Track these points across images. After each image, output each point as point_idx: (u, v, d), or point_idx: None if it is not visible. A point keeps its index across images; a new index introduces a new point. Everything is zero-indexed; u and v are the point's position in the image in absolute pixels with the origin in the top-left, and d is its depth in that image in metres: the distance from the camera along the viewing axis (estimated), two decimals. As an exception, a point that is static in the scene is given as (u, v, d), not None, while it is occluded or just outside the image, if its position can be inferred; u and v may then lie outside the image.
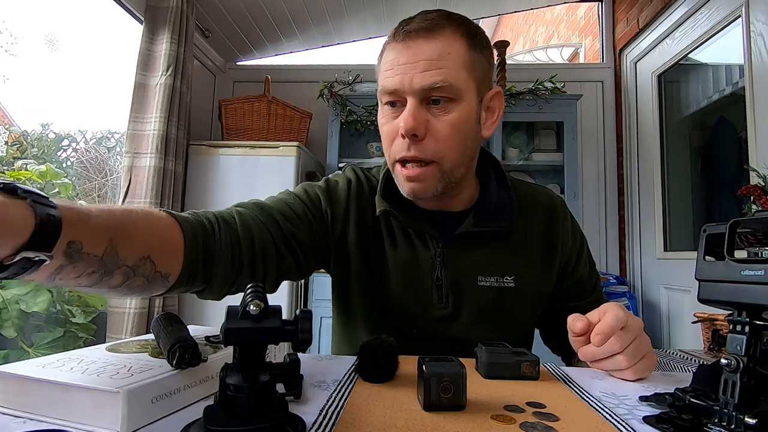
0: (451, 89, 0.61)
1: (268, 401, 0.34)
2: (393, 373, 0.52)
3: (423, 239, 0.72)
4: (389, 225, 0.74)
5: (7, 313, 1.59)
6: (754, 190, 1.30)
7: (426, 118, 0.62)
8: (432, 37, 0.61)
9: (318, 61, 2.98)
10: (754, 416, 0.35)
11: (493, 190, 0.74)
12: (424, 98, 0.62)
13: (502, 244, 0.72)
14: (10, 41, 2.21)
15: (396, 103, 0.64)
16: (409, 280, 0.72)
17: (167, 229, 0.52)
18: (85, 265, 0.40)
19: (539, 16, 4.49)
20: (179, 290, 0.56)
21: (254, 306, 0.34)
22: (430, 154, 0.63)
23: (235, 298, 0.35)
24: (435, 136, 0.62)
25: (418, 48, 0.61)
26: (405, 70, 0.61)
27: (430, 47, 0.61)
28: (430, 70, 0.60)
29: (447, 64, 0.60)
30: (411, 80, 0.61)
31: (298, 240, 0.68)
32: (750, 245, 0.41)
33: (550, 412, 0.43)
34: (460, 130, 0.63)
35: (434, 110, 0.62)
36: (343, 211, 0.73)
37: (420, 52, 0.61)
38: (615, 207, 2.66)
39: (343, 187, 0.75)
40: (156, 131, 1.97)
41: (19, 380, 0.39)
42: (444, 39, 0.61)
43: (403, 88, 0.61)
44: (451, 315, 0.71)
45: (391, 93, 0.63)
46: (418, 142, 0.62)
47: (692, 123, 2.29)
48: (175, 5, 2.05)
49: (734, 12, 1.82)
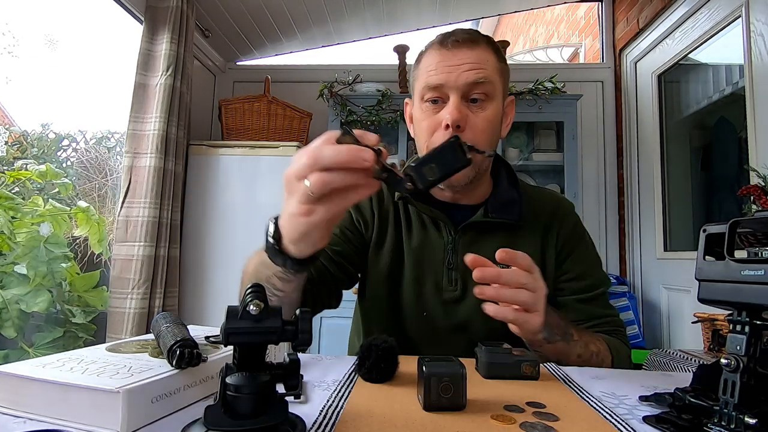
0: (489, 86, 0.72)
1: (268, 401, 0.34)
2: (393, 373, 0.53)
3: (437, 227, 0.80)
4: (406, 212, 0.82)
5: (7, 313, 1.59)
6: (754, 190, 1.30)
7: (466, 113, 0.71)
8: (473, 47, 0.72)
9: (318, 61, 2.98)
10: (754, 416, 0.35)
11: (504, 187, 0.82)
12: (464, 95, 0.72)
13: (509, 236, 0.79)
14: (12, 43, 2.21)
15: (438, 100, 0.73)
16: (423, 263, 0.80)
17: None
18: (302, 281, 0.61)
19: (539, 16, 4.49)
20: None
21: (254, 306, 0.34)
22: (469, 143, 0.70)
23: (234, 298, 0.36)
24: (473, 129, 0.72)
25: (462, 54, 0.72)
26: (451, 70, 0.71)
27: (473, 53, 0.72)
28: (474, 69, 0.71)
29: (487, 67, 0.72)
30: (457, 77, 0.71)
31: (343, 255, 0.79)
32: (750, 245, 0.41)
33: (550, 412, 0.43)
34: (493, 125, 0.74)
35: (473, 107, 0.72)
36: (369, 212, 0.83)
37: (464, 56, 0.72)
38: (615, 207, 2.66)
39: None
40: (156, 131, 1.97)
41: (19, 380, 0.39)
42: (482, 49, 0.73)
43: (449, 83, 0.71)
44: (458, 297, 0.78)
45: (435, 88, 0.72)
46: (459, 133, 0.70)
47: (692, 123, 2.29)
48: (175, 5, 2.05)
49: (734, 12, 1.82)
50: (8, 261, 1.67)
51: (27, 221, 1.75)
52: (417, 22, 2.80)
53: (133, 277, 1.88)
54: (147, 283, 1.90)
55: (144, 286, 1.89)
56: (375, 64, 2.81)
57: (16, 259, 1.68)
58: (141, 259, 1.89)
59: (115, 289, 1.89)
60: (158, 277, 1.96)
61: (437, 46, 0.74)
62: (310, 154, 0.44)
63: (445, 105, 0.72)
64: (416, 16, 2.74)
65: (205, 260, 2.20)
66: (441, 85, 0.72)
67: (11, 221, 1.69)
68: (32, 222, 1.76)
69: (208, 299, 2.19)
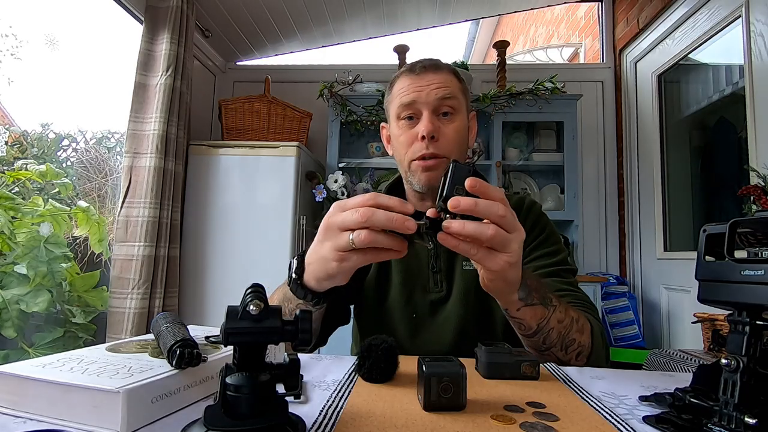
0: (455, 102, 0.83)
1: (268, 401, 0.34)
2: (393, 373, 0.53)
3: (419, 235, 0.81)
4: None
5: (7, 313, 1.59)
6: (754, 190, 1.30)
7: (438, 125, 0.81)
8: (437, 71, 0.84)
9: (318, 61, 2.99)
10: (754, 416, 0.35)
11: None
12: (435, 110, 0.81)
13: None
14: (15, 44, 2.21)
15: (413, 116, 0.83)
16: (410, 268, 0.87)
17: None
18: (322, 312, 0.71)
19: (539, 16, 4.49)
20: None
21: (254, 306, 0.34)
22: (443, 151, 0.81)
23: (234, 298, 0.36)
24: (446, 138, 0.81)
25: (429, 77, 0.83)
26: (421, 89, 0.82)
27: (438, 75, 0.83)
28: (441, 88, 0.82)
29: (450, 85, 0.83)
30: (427, 94, 0.81)
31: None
32: (750, 245, 0.41)
33: (550, 412, 0.43)
34: (461, 135, 0.84)
35: (443, 120, 0.82)
36: None
37: (431, 78, 0.83)
38: (615, 207, 2.66)
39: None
40: (156, 131, 1.97)
41: (19, 380, 0.39)
42: (445, 73, 0.84)
43: (420, 100, 0.81)
44: (443, 297, 0.86)
45: (409, 105, 0.82)
46: (434, 143, 0.80)
47: (692, 123, 2.29)
48: (175, 5, 2.05)
49: (734, 12, 1.82)
50: (8, 261, 1.67)
51: (27, 221, 1.75)
52: (417, 22, 2.80)
53: (133, 277, 1.88)
54: (147, 283, 1.90)
55: (144, 286, 1.89)
56: (375, 64, 2.82)
57: (16, 259, 1.68)
58: (141, 259, 1.89)
59: (115, 289, 1.89)
60: (158, 277, 1.96)
61: (407, 73, 0.85)
62: (363, 213, 0.50)
63: (419, 120, 0.82)
64: (416, 17, 2.74)
65: (205, 260, 2.20)
66: (414, 102, 0.81)
67: (11, 221, 1.70)
68: (32, 222, 1.76)
69: (208, 299, 2.19)
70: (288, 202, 2.18)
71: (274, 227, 2.18)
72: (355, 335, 0.99)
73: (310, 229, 2.37)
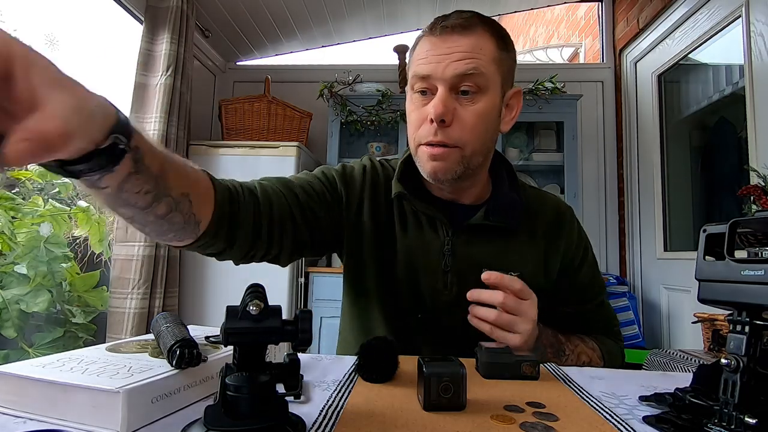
0: (480, 78, 0.66)
1: (268, 401, 0.34)
2: (393, 373, 0.52)
3: (434, 226, 0.76)
4: (402, 209, 0.77)
5: (7, 313, 1.59)
6: (754, 190, 1.30)
7: (454, 106, 0.66)
8: (466, 33, 0.66)
9: (318, 61, 2.99)
10: (754, 416, 0.35)
11: (505, 190, 0.78)
12: (453, 87, 0.66)
13: (507, 242, 0.76)
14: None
15: (426, 91, 0.68)
16: (418, 264, 0.75)
17: (203, 177, 0.56)
18: (144, 180, 0.42)
19: (539, 16, 4.49)
20: (203, 243, 0.58)
21: (254, 306, 0.34)
22: (455, 140, 0.67)
23: (234, 298, 0.35)
24: (461, 123, 0.67)
25: (453, 41, 0.66)
26: (439, 60, 0.66)
27: (465, 41, 0.66)
28: (464, 59, 0.65)
29: (479, 56, 0.66)
30: (444, 68, 0.65)
31: (315, 214, 0.72)
32: (750, 245, 0.41)
33: (550, 412, 0.43)
34: (484, 120, 0.68)
35: (462, 100, 0.67)
36: (357, 194, 0.78)
37: (455, 45, 0.66)
38: (615, 207, 2.66)
39: (358, 172, 0.80)
40: (156, 131, 1.97)
41: (19, 380, 0.39)
42: (477, 36, 0.66)
43: (436, 74, 0.66)
44: (454, 301, 0.74)
45: (423, 79, 0.67)
46: (444, 128, 0.66)
47: (692, 123, 2.29)
48: (175, 5, 2.05)
49: (734, 12, 1.82)
50: (8, 261, 1.67)
51: (27, 221, 1.75)
52: (417, 22, 2.80)
53: (133, 277, 1.88)
54: (147, 283, 1.90)
55: (144, 286, 1.89)
56: (375, 64, 2.81)
57: (16, 259, 1.68)
58: (141, 259, 1.89)
59: (115, 289, 1.89)
60: (158, 277, 1.96)
61: (428, 33, 0.69)
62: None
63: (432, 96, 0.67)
64: (416, 16, 2.74)
65: (205, 260, 2.20)
66: (428, 76, 0.67)
67: (11, 221, 1.70)
68: (32, 222, 1.76)
69: (208, 299, 2.19)
70: (288, 202, 2.18)
71: (274, 227, 2.17)
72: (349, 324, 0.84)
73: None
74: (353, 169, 0.81)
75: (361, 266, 0.78)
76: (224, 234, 0.59)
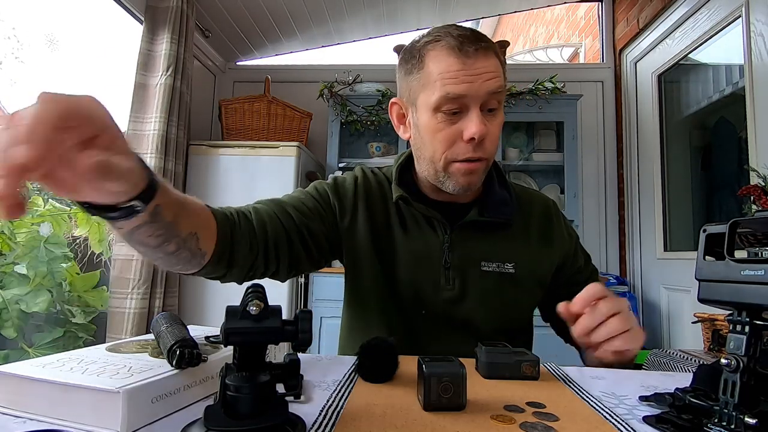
0: (503, 95, 0.72)
1: (268, 401, 0.34)
2: (393, 373, 0.53)
3: (432, 226, 0.80)
4: (400, 212, 0.81)
5: (7, 313, 1.59)
6: (754, 190, 1.30)
7: (486, 125, 0.70)
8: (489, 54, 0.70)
9: (318, 61, 2.98)
10: (754, 416, 0.35)
11: (496, 187, 0.82)
12: (483, 105, 0.70)
13: (502, 235, 0.80)
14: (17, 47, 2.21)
15: (457, 111, 0.70)
16: (419, 263, 0.78)
17: (207, 213, 0.61)
18: (157, 227, 0.47)
19: (539, 16, 4.49)
20: (208, 270, 0.63)
21: (254, 306, 0.34)
22: (488, 153, 0.72)
23: (234, 298, 0.36)
24: (490, 138, 0.71)
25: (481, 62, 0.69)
26: (473, 80, 0.68)
27: (489, 62, 0.69)
28: (493, 78, 0.69)
29: (500, 74, 0.71)
30: (479, 87, 0.68)
31: (310, 230, 0.76)
32: (750, 245, 0.40)
33: (550, 412, 0.43)
34: (500, 131, 0.75)
35: (488, 117, 0.71)
36: (351, 202, 0.81)
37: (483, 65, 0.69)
38: (615, 207, 2.66)
39: (350, 183, 0.84)
40: (156, 131, 1.97)
41: (19, 380, 0.39)
42: (494, 55, 0.71)
43: (471, 93, 0.68)
44: (458, 297, 0.77)
45: (457, 99, 0.68)
46: (481, 145, 0.70)
47: (692, 123, 2.29)
48: (175, 5, 2.05)
49: (734, 12, 1.82)
50: (8, 261, 1.67)
51: (27, 221, 1.75)
52: (417, 22, 2.80)
53: (133, 277, 1.88)
54: (147, 283, 1.90)
55: (144, 286, 1.89)
56: (375, 64, 2.81)
57: (16, 259, 1.68)
58: (141, 259, 1.89)
59: (115, 289, 1.89)
60: (158, 277, 1.96)
61: (453, 51, 0.69)
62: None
63: (464, 116, 0.69)
64: (416, 16, 2.74)
65: (205, 260, 2.20)
66: (463, 96, 0.68)
67: (11, 221, 1.70)
68: (32, 222, 1.76)
69: (208, 299, 2.19)
70: (288, 202, 2.18)
71: (274, 227, 2.17)
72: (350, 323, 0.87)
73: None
74: (345, 180, 0.84)
75: (362, 269, 0.80)
76: (225, 261, 0.64)
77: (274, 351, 0.57)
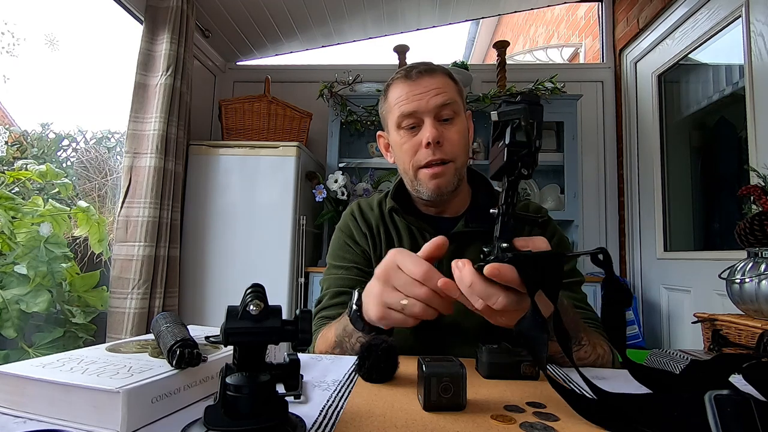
0: (454, 106, 0.82)
1: (268, 401, 0.34)
2: (393, 373, 0.53)
3: (424, 238, 0.85)
4: (395, 225, 0.90)
5: (7, 313, 1.59)
6: (754, 190, 1.29)
7: (441, 130, 0.81)
8: (433, 75, 0.83)
9: (318, 61, 2.99)
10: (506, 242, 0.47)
11: (482, 199, 0.90)
12: (437, 116, 0.81)
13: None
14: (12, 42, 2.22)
15: (414, 126, 0.82)
16: None
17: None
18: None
19: (539, 16, 4.49)
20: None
21: (254, 306, 0.34)
22: (449, 154, 0.81)
23: (234, 298, 0.36)
24: (450, 142, 0.81)
25: (425, 82, 0.82)
26: (420, 98, 0.81)
27: (434, 80, 0.82)
28: (440, 94, 0.81)
29: (448, 90, 0.82)
30: (427, 102, 0.80)
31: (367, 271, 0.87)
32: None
33: (550, 412, 0.43)
34: (464, 136, 0.84)
35: (445, 125, 0.82)
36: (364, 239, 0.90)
37: (428, 84, 0.82)
38: (615, 207, 2.66)
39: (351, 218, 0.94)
40: (156, 131, 1.97)
41: (19, 380, 0.39)
42: (440, 76, 0.84)
43: (421, 108, 0.80)
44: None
45: (410, 115, 0.81)
46: (439, 148, 0.80)
47: (692, 123, 2.29)
48: (175, 5, 2.05)
49: (734, 12, 1.82)
50: (8, 261, 1.67)
51: (27, 221, 1.75)
52: (417, 22, 2.80)
53: (133, 277, 1.88)
54: (147, 283, 1.90)
55: (144, 286, 1.89)
56: (375, 64, 2.82)
57: (16, 259, 1.68)
58: (141, 259, 1.89)
59: (115, 289, 1.89)
60: (158, 277, 1.96)
61: (402, 79, 0.84)
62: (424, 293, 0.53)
63: (421, 128, 0.81)
64: (416, 16, 2.74)
65: (205, 260, 2.20)
66: (414, 112, 0.81)
67: (11, 221, 1.70)
68: (32, 222, 1.76)
69: (208, 299, 2.19)
70: (288, 202, 2.19)
71: (274, 227, 2.18)
72: None
73: (310, 229, 2.37)
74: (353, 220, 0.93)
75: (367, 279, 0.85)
76: None
77: (274, 351, 0.57)
